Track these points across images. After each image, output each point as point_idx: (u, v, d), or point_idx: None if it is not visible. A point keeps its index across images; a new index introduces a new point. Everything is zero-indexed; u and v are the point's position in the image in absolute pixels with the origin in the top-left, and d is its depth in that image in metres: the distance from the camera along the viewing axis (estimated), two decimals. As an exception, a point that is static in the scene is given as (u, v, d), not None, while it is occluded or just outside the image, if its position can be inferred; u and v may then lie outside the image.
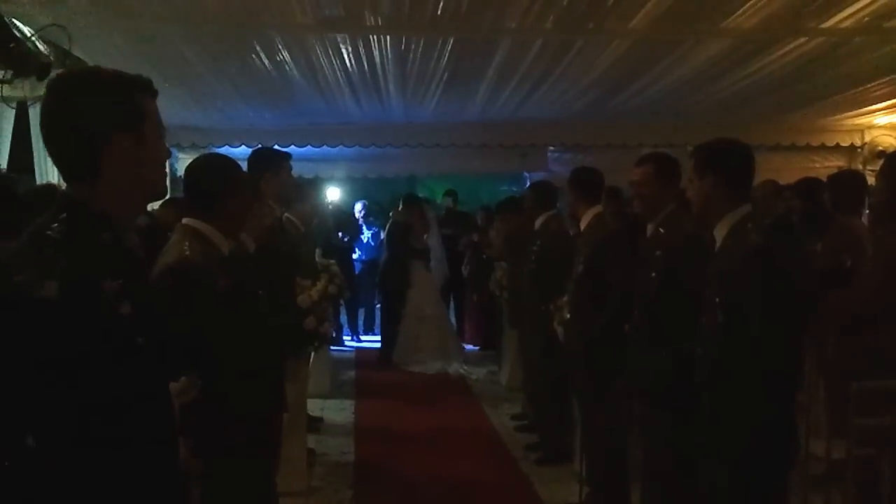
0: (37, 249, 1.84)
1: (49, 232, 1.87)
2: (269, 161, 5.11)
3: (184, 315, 2.41)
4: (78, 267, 1.81)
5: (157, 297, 2.09)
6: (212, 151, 6.25)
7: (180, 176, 6.95)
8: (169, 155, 2.18)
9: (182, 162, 8.12)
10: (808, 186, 6.15)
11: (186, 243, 3.14)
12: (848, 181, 5.89)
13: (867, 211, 5.63)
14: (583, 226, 5.56)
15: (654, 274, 4.39)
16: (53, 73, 5.20)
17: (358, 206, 12.68)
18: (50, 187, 5.65)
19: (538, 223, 7.01)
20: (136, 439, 1.90)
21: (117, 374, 1.84)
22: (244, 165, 5.09)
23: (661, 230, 4.44)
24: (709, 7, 4.75)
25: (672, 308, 4.19)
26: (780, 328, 3.31)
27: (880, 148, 8.79)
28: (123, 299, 1.85)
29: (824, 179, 6.16)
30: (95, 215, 1.93)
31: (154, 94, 2.09)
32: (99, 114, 1.95)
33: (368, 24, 5.00)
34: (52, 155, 2.02)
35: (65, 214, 1.91)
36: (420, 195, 13.22)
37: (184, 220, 3.29)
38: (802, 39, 5.40)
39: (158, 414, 2.00)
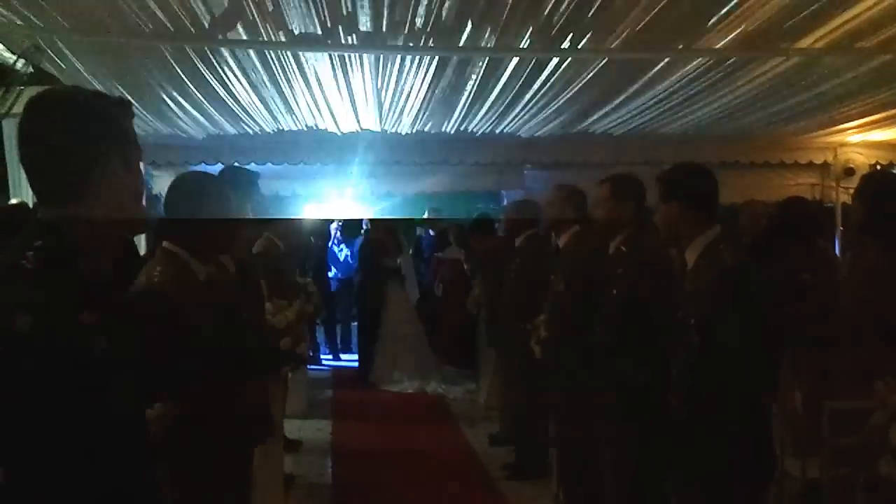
0: (9, 280, 1.77)
1: (23, 261, 1.78)
2: (238, 181, 5.07)
3: (152, 344, 2.35)
4: (53, 299, 1.74)
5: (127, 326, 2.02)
6: (190, 171, 6.19)
7: (156, 194, 6.92)
8: (143, 184, 2.14)
9: (157, 180, 8.04)
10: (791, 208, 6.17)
11: (158, 269, 3.08)
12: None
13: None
14: (562, 244, 5.57)
15: (615, 291, 4.47)
16: (29, 91, 5.18)
17: (334, 225, 12.68)
18: (22, 206, 5.60)
19: (518, 241, 7.03)
20: (108, 473, 1.84)
21: (90, 407, 1.77)
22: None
23: (623, 248, 4.52)
24: (683, 27, 4.77)
25: (635, 325, 4.26)
26: (754, 350, 3.35)
27: (851, 165, 8.86)
28: (100, 332, 1.78)
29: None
30: (73, 243, 1.86)
31: (133, 116, 2.04)
32: (90, 134, 1.89)
33: (344, 42, 4.99)
34: (32, 177, 1.93)
35: (40, 242, 1.83)
36: (395, 213, 13.24)
37: (164, 244, 3.23)
38: (776, 60, 5.44)
39: (132, 445, 1.94)
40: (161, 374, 2.25)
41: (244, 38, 4.88)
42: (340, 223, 12.72)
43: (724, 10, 4.45)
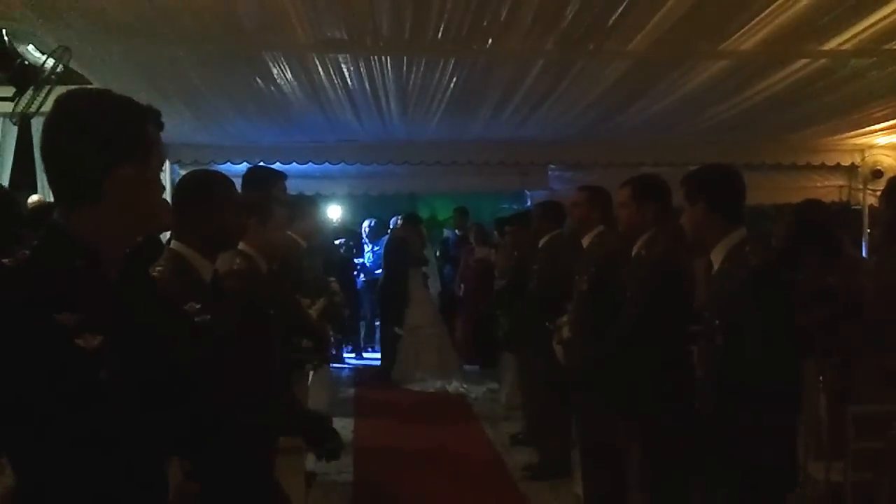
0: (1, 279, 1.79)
1: (16, 259, 1.82)
2: (262, 180, 5.08)
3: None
4: (31, 297, 1.75)
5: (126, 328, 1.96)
6: (202, 168, 6.21)
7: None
8: (164, 189, 2.10)
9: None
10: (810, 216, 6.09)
11: (158, 269, 3.00)
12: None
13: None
14: (586, 244, 5.56)
15: (629, 294, 4.50)
16: (57, 90, 5.24)
17: (365, 224, 12.76)
18: (44, 205, 5.67)
19: (542, 242, 7.02)
20: (105, 479, 1.84)
21: (71, 410, 1.77)
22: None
23: (643, 252, 4.53)
24: (708, 29, 4.76)
25: (646, 328, 4.28)
26: (779, 351, 3.32)
27: (879, 167, 8.79)
28: (84, 332, 1.76)
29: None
30: (74, 242, 1.86)
31: (160, 125, 2.02)
32: (108, 138, 1.88)
33: (369, 45, 5.01)
34: (49, 175, 1.94)
35: (42, 238, 1.86)
36: (420, 213, 13.31)
37: (171, 244, 3.20)
38: (803, 62, 5.41)
39: (134, 451, 1.92)
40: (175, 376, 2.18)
41: (270, 41, 4.91)
42: (371, 222, 12.78)
43: (751, 11, 4.43)
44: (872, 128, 7.97)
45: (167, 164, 7.91)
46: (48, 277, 1.80)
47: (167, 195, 2.40)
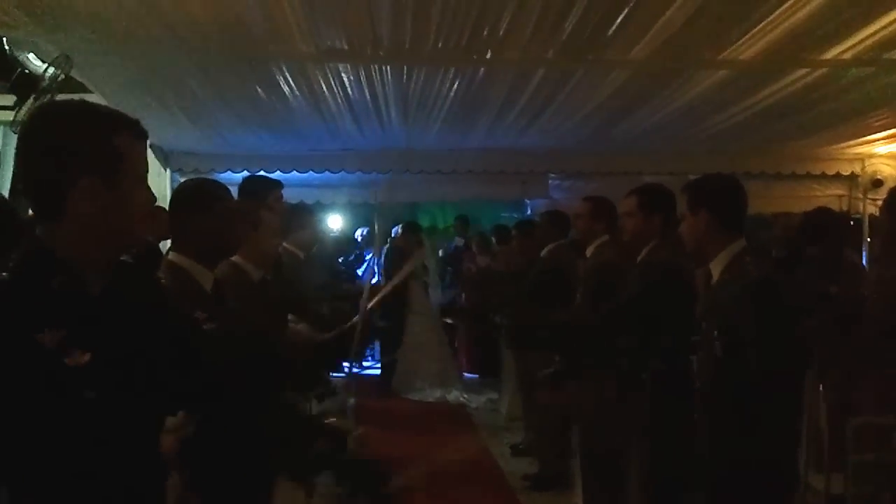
0: None
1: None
2: (257, 189, 5.06)
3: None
4: (11, 317, 1.71)
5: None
6: (198, 177, 6.17)
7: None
8: (153, 202, 2.00)
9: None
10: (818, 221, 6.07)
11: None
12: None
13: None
14: (589, 254, 5.54)
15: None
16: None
17: (358, 232, 12.72)
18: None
19: (544, 252, 7.02)
20: (97, 495, 1.82)
21: (55, 430, 1.73)
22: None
23: (644, 262, 4.52)
24: (708, 38, 4.75)
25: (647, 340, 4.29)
26: (779, 363, 3.31)
27: (879, 177, 8.79)
28: (69, 350, 1.72)
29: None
30: (51, 258, 1.80)
31: (140, 135, 1.94)
32: (68, 153, 1.81)
33: (370, 54, 5.01)
34: (22, 187, 1.88)
35: (20, 257, 1.80)
36: (421, 221, 13.28)
37: (169, 255, 3.18)
38: (803, 71, 5.41)
39: (125, 465, 1.88)
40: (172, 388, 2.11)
41: (271, 50, 4.92)
42: (364, 230, 12.77)
43: (751, 20, 4.43)
44: (872, 137, 7.96)
45: (167, 173, 7.91)
46: (28, 296, 1.75)
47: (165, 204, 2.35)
